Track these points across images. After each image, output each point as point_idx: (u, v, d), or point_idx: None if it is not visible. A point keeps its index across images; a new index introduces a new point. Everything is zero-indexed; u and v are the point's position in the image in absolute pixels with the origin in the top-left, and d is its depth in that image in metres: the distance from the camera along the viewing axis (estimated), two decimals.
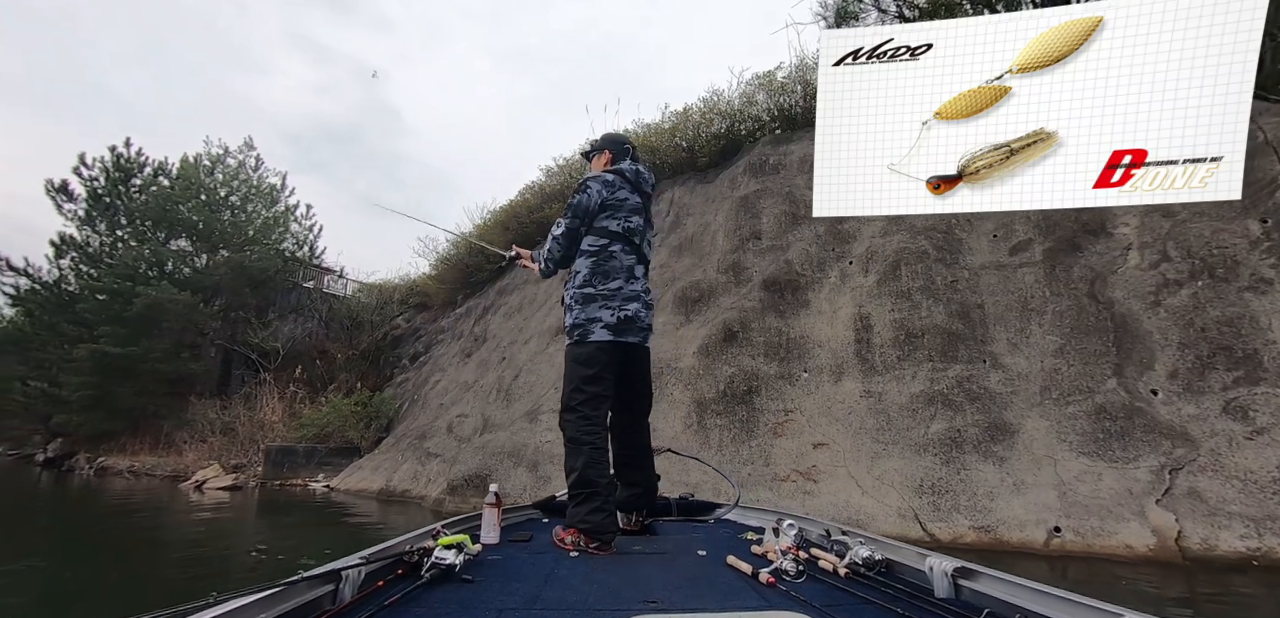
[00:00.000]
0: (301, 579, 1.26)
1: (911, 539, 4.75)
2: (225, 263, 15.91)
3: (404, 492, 8.90)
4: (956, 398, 5.49)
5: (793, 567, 1.70)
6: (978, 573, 1.46)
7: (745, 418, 6.26)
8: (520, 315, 11.59)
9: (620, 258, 2.46)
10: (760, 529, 2.31)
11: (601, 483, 2.25)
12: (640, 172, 2.60)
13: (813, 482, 5.51)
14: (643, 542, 2.37)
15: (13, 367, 15.94)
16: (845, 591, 1.56)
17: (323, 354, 15.80)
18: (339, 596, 1.36)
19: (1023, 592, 1.32)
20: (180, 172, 16.22)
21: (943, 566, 1.51)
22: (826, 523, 2.18)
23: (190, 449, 13.06)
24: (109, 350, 13.58)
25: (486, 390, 10.04)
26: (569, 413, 2.38)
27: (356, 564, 1.44)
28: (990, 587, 1.41)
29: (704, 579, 1.74)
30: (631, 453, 2.59)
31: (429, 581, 1.55)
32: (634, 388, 2.60)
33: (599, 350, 2.40)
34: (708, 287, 7.87)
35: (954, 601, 1.45)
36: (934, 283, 6.30)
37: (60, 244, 15.28)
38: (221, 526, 7.07)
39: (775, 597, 1.54)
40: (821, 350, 6.50)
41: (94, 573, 4.67)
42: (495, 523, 2.18)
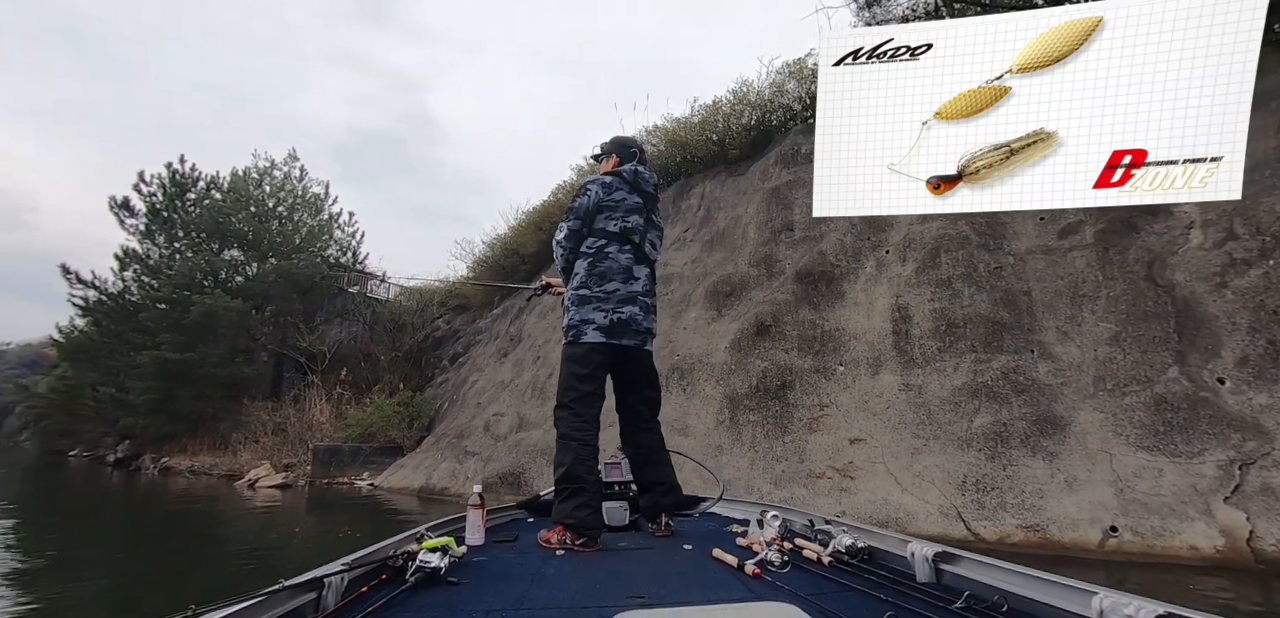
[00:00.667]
0: (283, 588, 1.24)
1: (955, 539, 4.55)
2: (274, 271, 16.52)
3: (443, 489, 9.08)
4: (1002, 390, 5.23)
5: (777, 557, 1.72)
6: (958, 557, 1.50)
7: (779, 414, 6.13)
8: (554, 315, 11.66)
9: (617, 258, 2.47)
10: (745, 522, 2.33)
11: (588, 480, 2.25)
12: (639, 172, 2.61)
13: (849, 479, 5.34)
14: (628, 538, 2.38)
15: (84, 374, 16.97)
16: (829, 579, 1.59)
17: (367, 357, 16.27)
18: (322, 604, 1.34)
19: (1002, 574, 1.36)
20: (231, 185, 16.94)
21: (924, 551, 1.56)
22: (810, 513, 2.19)
23: (244, 450, 13.64)
24: (169, 357, 14.29)
25: (522, 389, 10.15)
26: (562, 409, 2.40)
27: (339, 571, 1.42)
28: (971, 570, 1.45)
29: (690, 573, 1.75)
30: (644, 456, 2.58)
31: (414, 585, 1.54)
32: (636, 392, 2.60)
33: (592, 351, 2.42)
34: (739, 280, 7.74)
35: (935, 585, 1.49)
36: (976, 270, 6.03)
37: (123, 257, 16.17)
38: (273, 521, 7.35)
39: (761, 588, 1.55)
40: (857, 343, 6.31)
41: (159, 563, 5.06)
42: (480, 524, 2.18)
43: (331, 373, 15.49)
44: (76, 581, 4.22)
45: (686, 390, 6.97)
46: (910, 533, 4.78)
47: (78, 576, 4.37)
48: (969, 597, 1.32)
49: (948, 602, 1.33)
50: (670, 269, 9.14)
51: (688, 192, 10.50)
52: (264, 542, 6.10)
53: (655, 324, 2.64)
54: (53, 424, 19.22)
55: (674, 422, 6.70)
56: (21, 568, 4.59)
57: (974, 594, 1.33)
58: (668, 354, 7.57)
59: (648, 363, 2.62)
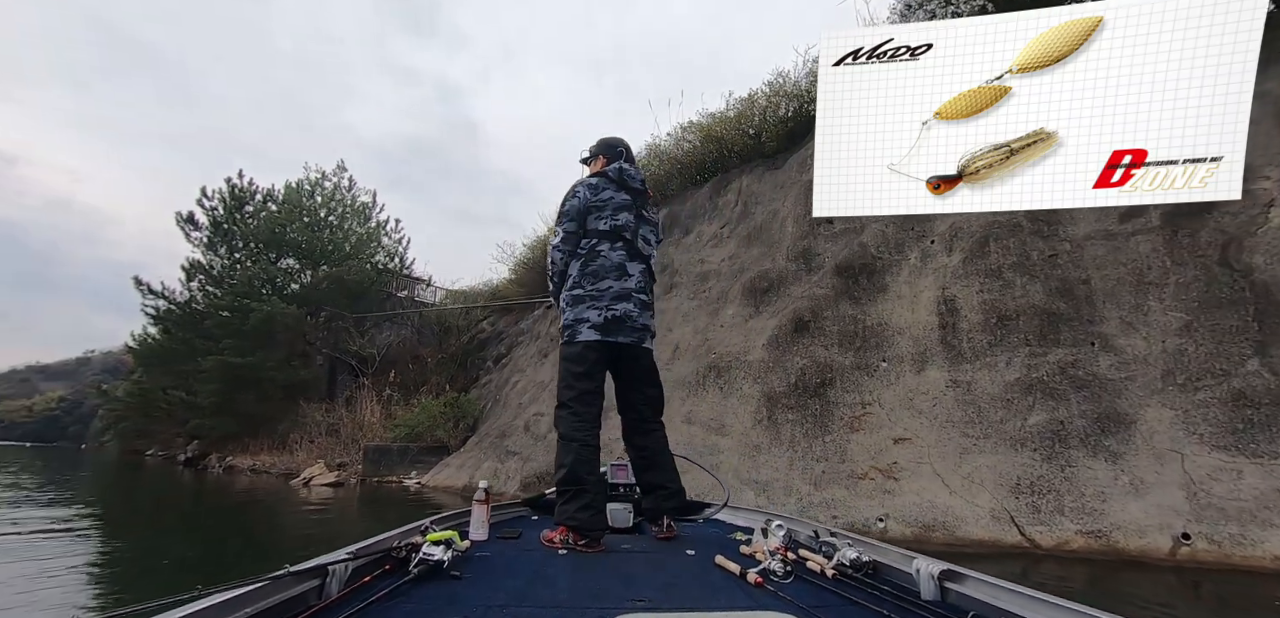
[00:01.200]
0: (288, 574, 1.26)
1: (1007, 545, 4.31)
2: (326, 278, 17.19)
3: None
4: (1059, 386, 4.92)
5: (780, 567, 1.71)
6: (963, 576, 1.47)
7: (819, 412, 5.95)
8: None
9: (609, 255, 2.48)
10: (749, 530, 2.33)
11: (589, 480, 2.24)
12: (624, 169, 2.62)
13: (893, 480, 5.13)
14: (631, 540, 2.36)
15: (157, 379, 18.05)
16: (832, 592, 1.57)
17: (415, 359, 16.72)
18: (325, 591, 1.35)
19: (1008, 595, 1.31)
20: (285, 196, 17.71)
21: (929, 568, 1.52)
22: (816, 524, 2.18)
23: (300, 450, 14.23)
24: (232, 361, 15.05)
25: None
26: (561, 409, 2.40)
27: (343, 560, 1.43)
28: (976, 589, 1.42)
29: (692, 579, 1.74)
30: (646, 457, 2.56)
31: (416, 577, 1.55)
32: (637, 391, 2.58)
33: (587, 350, 2.42)
34: (777, 276, 7.56)
35: (939, 603, 1.46)
36: (1029, 258, 5.70)
37: (189, 268, 17.13)
38: (326, 516, 7.62)
39: (762, 597, 1.54)
40: (902, 338, 6.06)
41: (223, 550, 5.40)
42: (484, 520, 2.18)
43: (381, 375, 15.99)
44: (144, 567, 4.50)
45: (723, 389, 6.85)
46: (960, 538, 4.57)
47: (146, 563, 4.66)
48: (974, 616, 1.30)
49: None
50: (707, 266, 9.03)
51: (725, 187, 10.35)
52: (327, 533, 6.32)
53: (653, 321, 2.63)
54: (130, 426, 20.54)
55: (711, 421, 6.61)
56: (100, 557, 4.92)
57: (979, 614, 1.31)
58: (704, 352, 7.47)
59: (647, 361, 2.60)
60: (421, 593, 1.47)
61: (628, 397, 2.59)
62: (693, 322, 8.33)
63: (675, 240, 10.41)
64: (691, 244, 9.86)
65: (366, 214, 19.19)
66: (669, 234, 10.70)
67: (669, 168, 11.52)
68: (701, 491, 4.04)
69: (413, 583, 1.52)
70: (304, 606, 1.28)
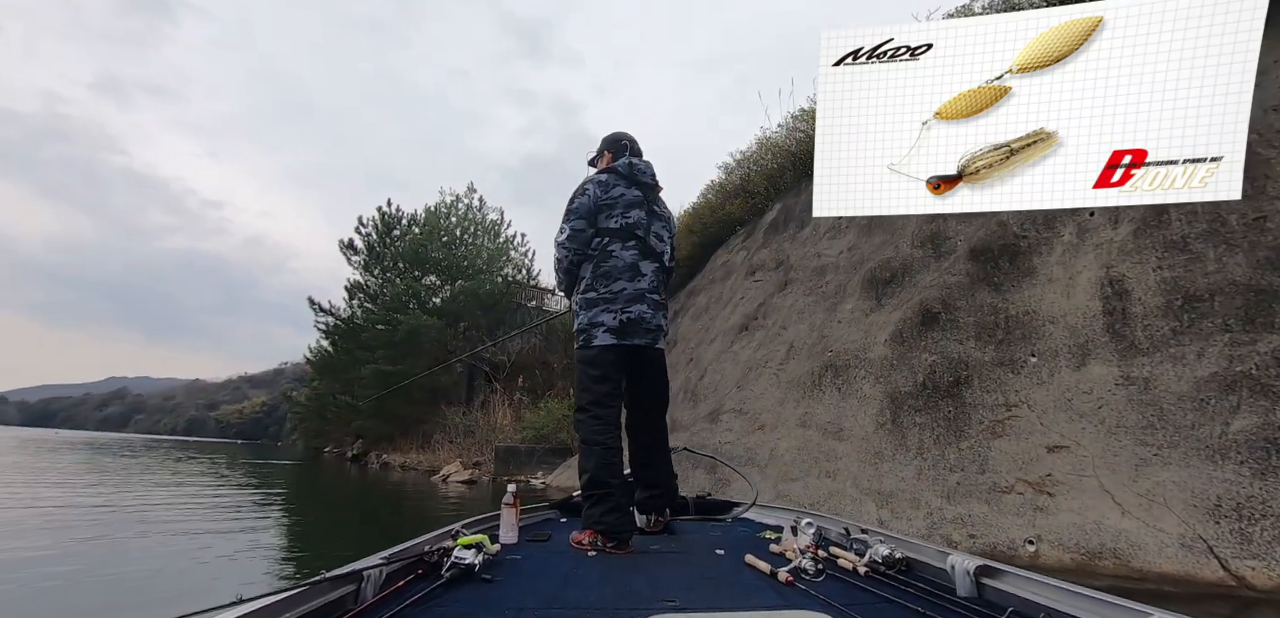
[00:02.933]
0: (324, 579, 1.28)
1: (1204, 581, 3.48)
2: (462, 291, 18.64)
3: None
4: (1274, 383, 3.91)
5: (812, 566, 1.68)
6: (1002, 572, 1.45)
7: (952, 415, 5.27)
8: (707, 316, 11.49)
9: (621, 255, 2.46)
10: (778, 528, 2.31)
11: (614, 484, 2.25)
12: (634, 163, 2.58)
13: (1047, 495, 4.39)
14: (660, 541, 2.37)
15: (329, 385, 20.65)
16: (865, 589, 1.55)
17: (543, 365, 17.57)
18: (361, 595, 1.37)
19: (1047, 590, 1.30)
20: (426, 219, 19.48)
21: (965, 564, 1.50)
22: (846, 522, 2.13)
23: (442, 449, 15.51)
24: (384, 369, 16.79)
25: (674, 392, 10.12)
26: (581, 414, 2.41)
27: (377, 564, 1.44)
28: (1014, 586, 1.39)
29: (722, 578, 1.73)
30: (647, 454, 2.59)
31: (449, 580, 1.56)
32: (646, 389, 2.61)
33: (604, 353, 2.42)
34: (901, 264, 6.87)
35: (977, 600, 1.42)
36: (1226, 225, 4.62)
37: (351, 288, 19.42)
38: (460, 505, 8.19)
39: (794, 596, 1.52)
40: (1055, 328, 5.20)
41: (383, 527, 6.43)
42: (513, 523, 2.19)
43: (512, 380, 16.98)
44: (331, 537, 5.43)
45: (841, 390, 6.33)
46: (1138, 569, 3.77)
47: (331, 534, 5.63)
48: (1012, 613, 1.28)
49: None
50: (824, 260, 8.47)
51: None
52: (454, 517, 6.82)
53: (666, 321, 2.63)
54: (310, 427, 23.72)
55: (827, 425, 6.13)
56: (298, 528, 6.02)
57: (1017, 611, 1.29)
58: (820, 350, 6.98)
59: (659, 362, 2.62)
60: (454, 596, 1.48)
61: (636, 394, 2.61)
62: (808, 319, 7.83)
63: (790, 235, 9.90)
64: (807, 238, 9.30)
65: (496, 231, 20.56)
66: (783, 230, 10.22)
67: (782, 160, 11.01)
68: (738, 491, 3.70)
69: (445, 587, 1.52)
70: (340, 610, 1.30)
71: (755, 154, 11.33)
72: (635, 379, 2.58)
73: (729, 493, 6.43)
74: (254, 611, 1.05)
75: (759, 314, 9.03)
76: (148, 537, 5.16)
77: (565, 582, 1.69)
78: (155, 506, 7.17)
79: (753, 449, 6.65)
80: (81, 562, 4.16)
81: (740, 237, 11.84)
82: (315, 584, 1.24)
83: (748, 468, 6.44)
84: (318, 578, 1.26)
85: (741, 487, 6.44)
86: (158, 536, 5.24)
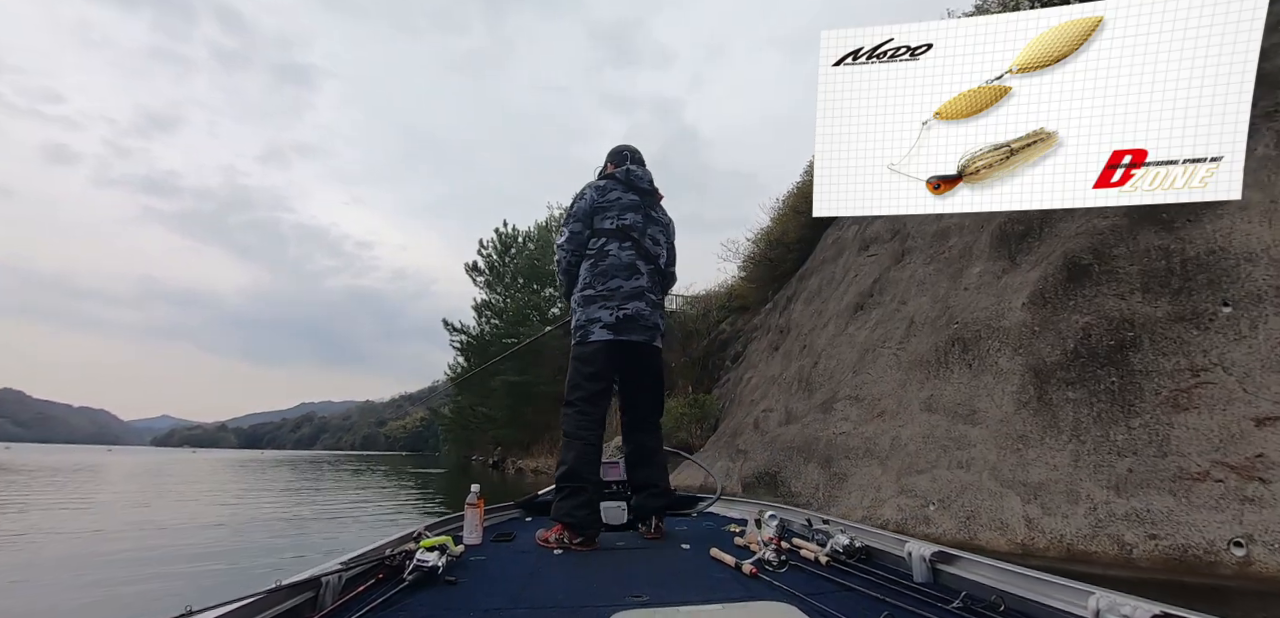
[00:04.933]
0: (279, 588, 1.24)
1: None
2: None
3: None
4: None
5: (775, 557, 1.72)
6: (956, 557, 1.50)
7: (1117, 387, 4.35)
8: (819, 299, 10.78)
9: (618, 255, 2.50)
10: (743, 521, 2.34)
11: (589, 480, 2.27)
12: (632, 171, 2.65)
13: (1259, 481, 3.44)
14: (625, 538, 2.39)
15: (469, 398, 22.33)
16: (827, 578, 1.58)
17: None
18: (319, 602, 1.33)
19: (999, 574, 1.36)
20: (538, 236, 20.37)
21: (921, 551, 1.55)
22: (808, 513, 2.18)
23: None
24: (512, 380, 17.79)
25: (789, 382, 9.57)
26: (568, 408, 2.42)
27: (335, 570, 1.41)
28: (968, 570, 1.45)
29: (687, 572, 1.75)
30: (642, 455, 2.58)
31: (411, 584, 1.52)
32: (641, 389, 2.60)
33: (599, 350, 2.43)
34: (1038, 213, 5.87)
35: (932, 585, 1.48)
36: None
37: (479, 307, 20.83)
38: None
39: (758, 587, 1.53)
40: (1255, 267, 4.10)
41: None
42: (477, 524, 2.17)
43: None
44: None
45: (972, 366, 5.52)
46: None
47: None
48: (966, 597, 1.31)
49: (945, 602, 1.32)
50: (945, 222, 7.51)
51: None
52: None
53: (663, 321, 2.65)
54: (457, 437, 25.81)
55: (956, 407, 5.37)
56: None
57: (971, 594, 1.33)
58: (944, 323, 6.17)
59: (656, 361, 2.62)
60: (417, 600, 1.45)
61: (632, 395, 2.60)
62: (930, 290, 6.97)
63: None
64: None
65: None
66: None
67: None
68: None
69: (407, 591, 1.49)
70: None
71: None
72: (631, 379, 2.58)
73: (846, 489, 5.88)
74: None
75: (875, 291, 8.24)
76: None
77: (530, 581, 1.67)
78: (358, 503, 8.85)
79: (871, 439, 6.01)
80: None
81: None
82: (271, 592, 1.20)
83: (867, 461, 5.83)
84: (273, 587, 1.22)
85: (860, 480, 5.86)
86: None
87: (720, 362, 16.51)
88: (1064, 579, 1.19)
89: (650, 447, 2.60)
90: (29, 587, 3.86)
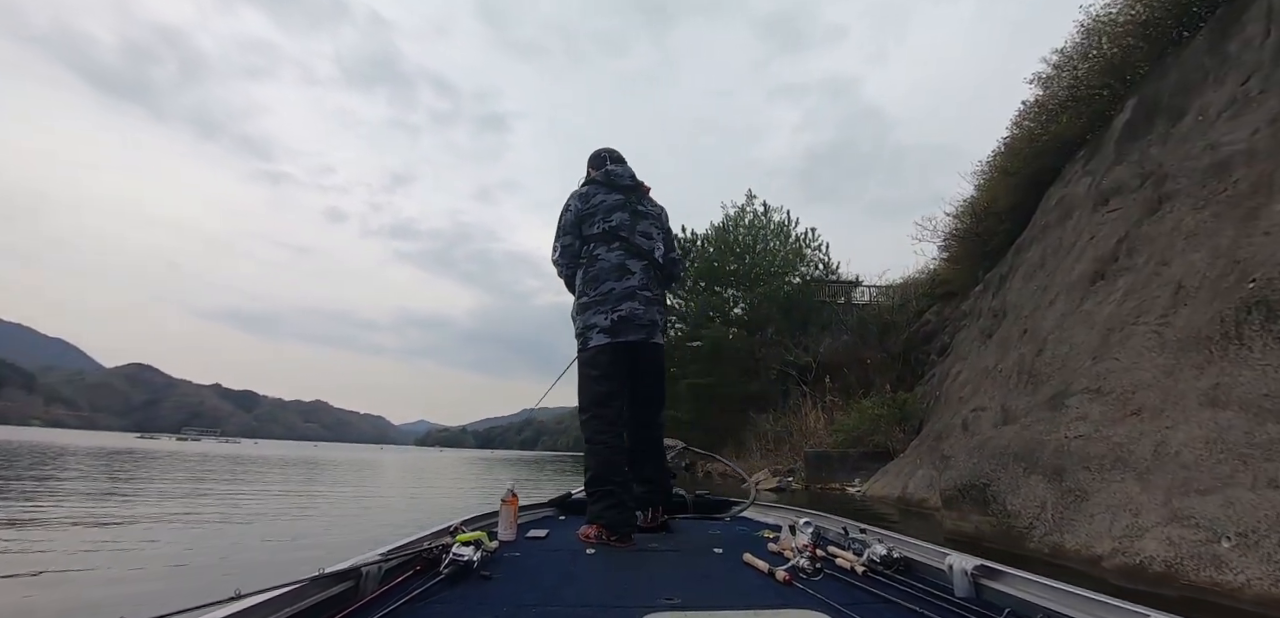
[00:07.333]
0: (323, 575, 1.28)
1: None
2: (762, 297, 18.71)
3: (921, 500, 8.01)
4: None
5: (810, 565, 1.70)
6: (1000, 572, 1.45)
7: None
8: (1043, 272, 8.96)
9: (606, 258, 2.57)
10: (777, 528, 2.40)
11: (616, 480, 2.33)
12: (611, 171, 2.72)
13: None
14: (659, 539, 2.40)
15: None
16: (863, 589, 1.55)
17: (855, 362, 16.33)
18: (360, 591, 1.37)
19: (1045, 591, 1.30)
20: (714, 237, 20.27)
21: (963, 564, 1.50)
22: (845, 521, 2.15)
23: (755, 455, 15.64)
24: (696, 382, 17.87)
25: (1006, 374, 8.05)
26: (584, 415, 2.50)
27: (376, 561, 1.45)
28: (1012, 586, 1.40)
29: (721, 577, 1.73)
30: (643, 450, 2.65)
31: (447, 577, 1.55)
32: (642, 386, 2.65)
33: (600, 354, 2.50)
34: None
35: (975, 600, 1.42)
36: None
37: None
38: None
39: (793, 595, 1.51)
40: None
41: None
42: (512, 521, 2.21)
43: (820, 382, 16.20)
44: None
45: (1279, 334, 3.99)
46: None
47: None
48: (1010, 614, 1.28)
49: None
50: (1223, 150, 5.68)
51: (1237, 18, 6.39)
52: None
53: (661, 316, 2.70)
54: None
55: (1260, 399, 3.92)
56: None
57: (1015, 612, 1.30)
58: (1232, 283, 4.60)
59: (656, 359, 2.67)
60: (453, 593, 1.47)
61: (633, 391, 2.64)
62: (1207, 242, 5.28)
63: (1159, 134, 7.01)
64: (1189, 130, 6.41)
65: (785, 232, 20.13)
66: (1145, 131, 7.31)
67: (1126, 39, 7.94)
68: None
69: (444, 583, 1.52)
70: (339, 606, 1.30)
71: (1081, 46, 8.43)
72: (632, 376, 2.61)
73: (1085, 510, 4.61)
74: (252, 606, 1.04)
75: (1120, 253, 6.53)
76: None
77: (564, 578, 1.69)
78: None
79: (1123, 445, 4.63)
80: None
81: (1078, 161, 8.95)
82: (315, 579, 1.24)
83: (1115, 474, 4.52)
84: (316, 574, 1.26)
85: (1106, 499, 4.54)
86: None
87: (924, 356, 14.80)
88: (1116, 600, 1.12)
89: (651, 441, 2.70)
90: None
